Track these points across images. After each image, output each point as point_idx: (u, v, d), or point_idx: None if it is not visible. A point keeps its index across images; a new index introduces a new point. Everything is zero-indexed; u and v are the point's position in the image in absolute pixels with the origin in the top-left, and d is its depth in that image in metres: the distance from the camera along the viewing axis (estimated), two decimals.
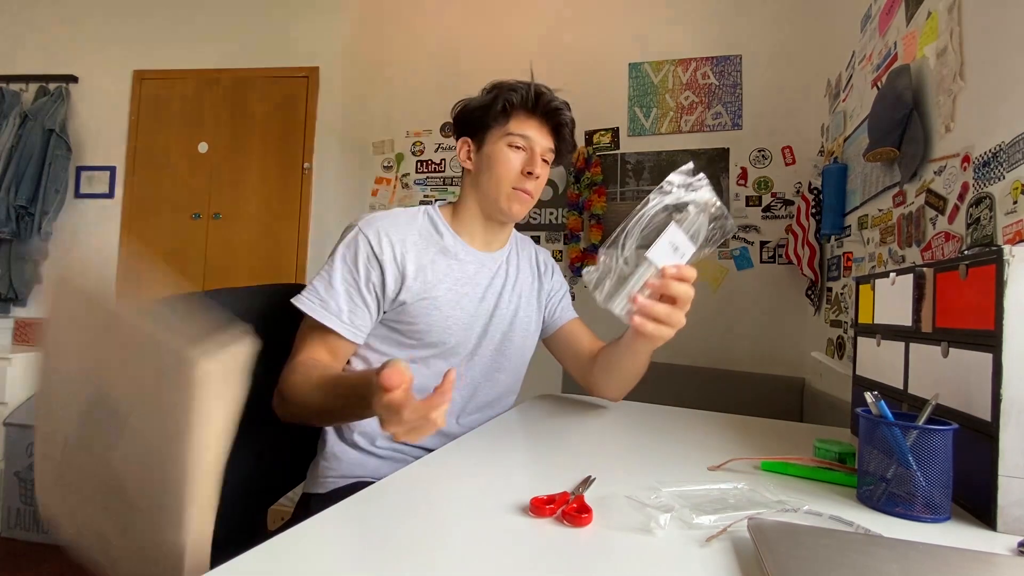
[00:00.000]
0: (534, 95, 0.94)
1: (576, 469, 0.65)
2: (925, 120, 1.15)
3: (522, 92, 0.94)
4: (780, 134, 2.32)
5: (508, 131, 0.94)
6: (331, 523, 0.48)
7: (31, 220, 2.72)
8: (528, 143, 0.94)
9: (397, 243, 0.90)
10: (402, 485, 0.59)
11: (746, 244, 2.32)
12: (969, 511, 0.56)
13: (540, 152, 0.95)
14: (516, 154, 0.94)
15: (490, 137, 0.96)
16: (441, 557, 0.42)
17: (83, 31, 2.94)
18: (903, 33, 1.30)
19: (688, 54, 2.44)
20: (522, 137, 0.94)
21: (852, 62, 1.74)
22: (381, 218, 0.92)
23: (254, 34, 2.81)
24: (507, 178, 0.94)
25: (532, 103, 0.95)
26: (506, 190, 0.94)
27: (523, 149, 0.95)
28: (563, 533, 0.48)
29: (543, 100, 0.95)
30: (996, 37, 0.91)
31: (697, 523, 0.49)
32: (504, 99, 0.94)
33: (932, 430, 0.54)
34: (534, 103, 0.95)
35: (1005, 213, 0.85)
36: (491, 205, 0.96)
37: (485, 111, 0.95)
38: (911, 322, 0.70)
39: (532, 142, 0.94)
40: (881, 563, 0.41)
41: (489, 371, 1.00)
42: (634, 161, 2.48)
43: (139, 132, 2.85)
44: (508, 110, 0.94)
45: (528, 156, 0.95)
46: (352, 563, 0.41)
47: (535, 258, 1.12)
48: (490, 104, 0.95)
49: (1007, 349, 0.51)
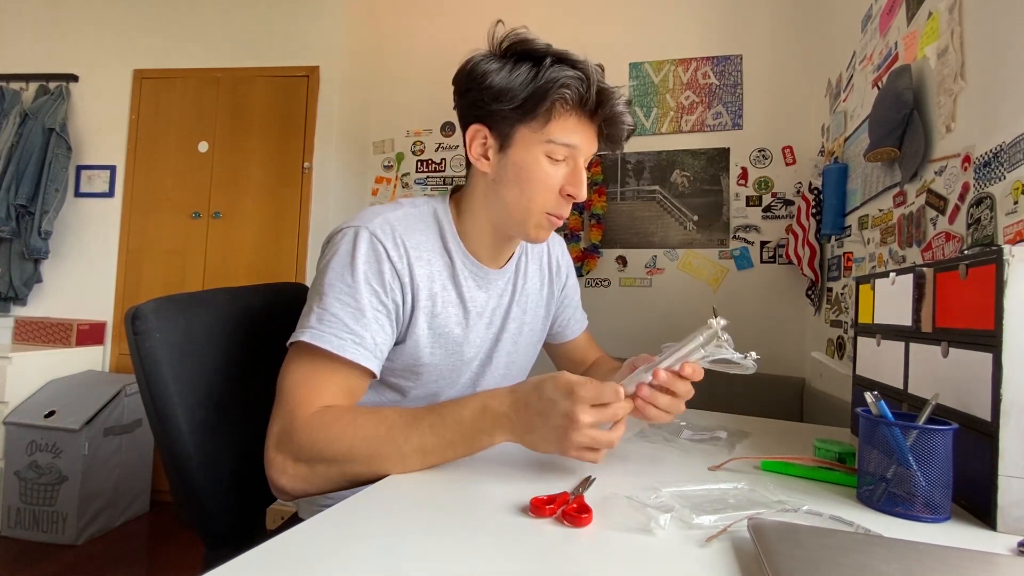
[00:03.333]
0: (595, 95, 0.70)
1: (576, 469, 0.66)
2: (926, 120, 1.15)
3: (578, 89, 0.68)
4: (780, 134, 2.32)
5: (550, 136, 0.70)
6: (331, 523, 0.48)
7: (31, 219, 2.72)
8: (572, 154, 0.72)
9: (417, 263, 0.73)
10: (402, 485, 0.59)
11: (746, 244, 2.32)
12: (969, 511, 0.56)
13: (585, 163, 0.74)
14: (556, 168, 0.72)
15: (520, 137, 0.72)
16: (441, 557, 0.42)
17: (83, 30, 2.93)
18: (904, 33, 1.30)
19: (688, 54, 2.44)
20: (567, 147, 0.71)
21: (853, 62, 1.74)
22: (396, 222, 0.73)
23: (254, 33, 2.80)
24: (543, 201, 0.73)
25: (592, 106, 0.70)
26: (536, 215, 0.74)
27: (565, 161, 0.73)
28: (563, 533, 0.48)
29: (607, 102, 0.71)
30: (997, 37, 0.91)
31: (697, 523, 0.49)
32: (555, 96, 0.68)
33: (932, 430, 0.54)
34: (595, 106, 0.71)
35: (1006, 213, 0.85)
36: (514, 226, 0.77)
37: (520, 101, 0.69)
38: (911, 322, 0.69)
39: (578, 152, 0.72)
40: (881, 563, 0.41)
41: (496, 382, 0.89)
42: (634, 161, 2.48)
43: (139, 131, 2.85)
44: (554, 108, 0.70)
45: (571, 171, 0.73)
46: (352, 563, 0.41)
47: (546, 256, 0.96)
48: (530, 97, 0.69)
49: (1007, 349, 0.51)
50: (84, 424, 2.15)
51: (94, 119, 2.90)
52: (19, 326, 2.60)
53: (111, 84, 2.89)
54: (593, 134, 0.74)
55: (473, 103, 0.73)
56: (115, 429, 2.30)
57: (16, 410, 2.25)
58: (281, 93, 2.75)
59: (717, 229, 2.36)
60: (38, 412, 2.21)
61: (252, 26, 2.82)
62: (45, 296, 2.83)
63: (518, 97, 0.69)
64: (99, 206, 2.86)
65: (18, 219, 2.73)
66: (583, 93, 0.69)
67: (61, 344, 2.53)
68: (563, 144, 0.71)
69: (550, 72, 0.68)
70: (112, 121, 2.87)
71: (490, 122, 0.73)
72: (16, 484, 2.17)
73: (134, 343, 0.70)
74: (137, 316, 0.71)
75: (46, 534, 2.14)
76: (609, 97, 0.71)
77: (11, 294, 2.74)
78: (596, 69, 0.70)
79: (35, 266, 2.79)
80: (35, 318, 2.63)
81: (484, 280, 0.82)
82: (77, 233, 2.84)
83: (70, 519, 2.13)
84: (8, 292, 2.73)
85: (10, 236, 2.72)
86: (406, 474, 0.62)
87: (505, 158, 0.73)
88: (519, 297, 0.88)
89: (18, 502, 2.17)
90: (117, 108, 2.88)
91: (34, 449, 2.17)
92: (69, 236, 2.83)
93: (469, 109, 0.74)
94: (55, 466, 2.15)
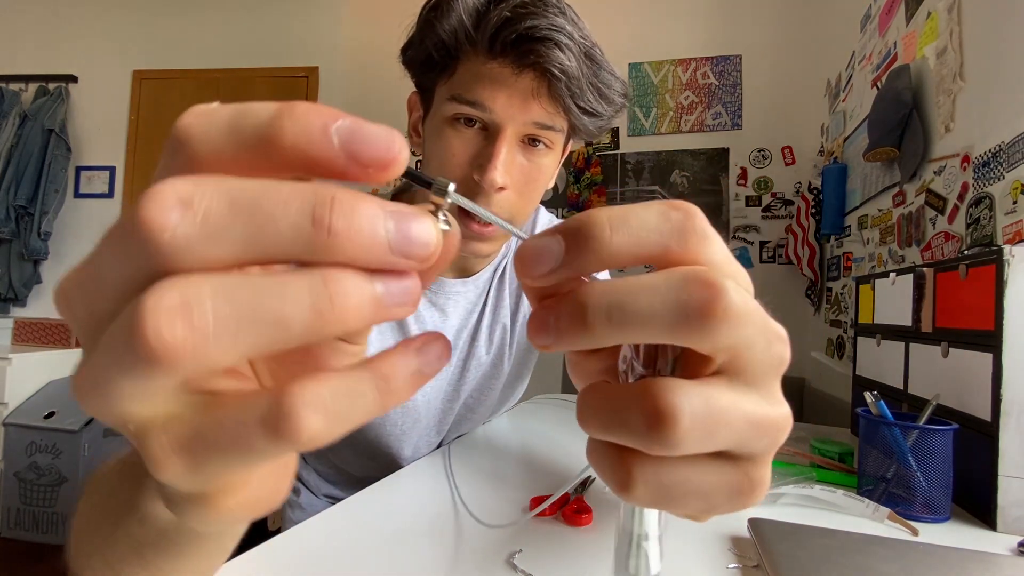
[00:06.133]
0: (481, 16, 0.48)
1: (576, 469, 0.65)
2: (925, 120, 1.15)
3: (459, 11, 0.48)
4: (780, 134, 2.32)
5: (452, 91, 0.51)
6: (331, 522, 0.48)
7: (30, 220, 2.72)
8: (490, 120, 0.50)
9: None
10: (402, 485, 0.59)
11: (746, 244, 2.32)
12: (969, 511, 0.56)
13: (514, 131, 0.51)
14: (463, 138, 0.51)
15: (436, 99, 0.54)
16: (441, 556, 0.42)
17: (83, 31, 2.93)
18: (903, 33, 1.30)
19: (688, 54, 2.44)
20: (473, 106, 0.50)
21: (852, 62, 1.74)
22: None
23: (253, 34, 2.81)
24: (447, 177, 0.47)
25: (490, 34, 0.47)
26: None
27: (482, 130, 0.51)
28: (563, 533, 0.48)
29: (506, 24, 0.46)
30: (996, 37, 0.91)
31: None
32: (436, 32, 0.50)
33: (932, 430, 0.54)
34: (494, 34, 0.47)
35: (1005, 213, 0.85)
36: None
37: (420, 46, 0.53)
38: (911, 322, 0.69)
39: (493, 115, 0.50)
40: (881, 563, 0.41)
41: (465, 415, 0.76)
42: (634, 161, 2.48)
43: (139, 132, 2.85)
44: (449, 48, 0.50)
45: (485, 144, 0.51)
46: (352, 562, 0.41)
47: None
48: (414, 38, 0.53)
49: (1007, 349, 0.51)
50: (84, 425, 2.15)
51: (94, 120, 2.90)
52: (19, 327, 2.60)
53: (111, 85, 2.89)
54: (518, 88, 0.49)
55: (409, 63, 0.57)
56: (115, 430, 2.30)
57: (16, 411, 2.25)
58: (281, 93, 2.75)
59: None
60: (38, 413, 2.21)
61: (251, 27, 2.82)
62: (45, 297, 2.83)
63: (414, 42, 0.54)
64: (99, 207, 2.86)
65: (17, 220, 2.73)
66: (459, 13, 0.48)
67: (61, 345, 2.53)
68: (468, 101, 0.49)
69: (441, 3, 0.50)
70: (112, 122, 2.88)
71: (419, 87, 0.58)
72: (16, 485, 2.17)
73: None
74: None
75: (46, 535, 2.14)
76: (515, 15, 0.46)
77: (10, 295, 2.74)
78: None
79: (34, 267, 2.79)
80: (35, 319, 2.63)
81: (440, 295, 0.66)
82: (76, 234, 2.83)
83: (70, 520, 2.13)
84: (7, 293, 2.73)
85: (9, 237, 2.72)
86: (406, 474, 0.62)
87: (424, 129, 0.57)
88: (496, 309, 0.71)
89: (18, 503, 2.16)
90: (117, 109, 2.88)
91: (34, 450, 2.16)
92: (68, 237, 2.83)
93: (411, 72, 0.58)
94: (55, 467, 2.15)
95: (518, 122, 0.50)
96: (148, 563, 0.24)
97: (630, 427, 0.15)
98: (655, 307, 0.15)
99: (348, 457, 0.71)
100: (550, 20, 0.46)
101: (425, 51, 0.51)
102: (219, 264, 0.12)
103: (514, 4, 0.46)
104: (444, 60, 0.51)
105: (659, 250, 0.16)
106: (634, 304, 0.15)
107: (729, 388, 0.16)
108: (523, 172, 0.53)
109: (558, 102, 0.50)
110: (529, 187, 0.54)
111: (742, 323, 0.15)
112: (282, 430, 0.12)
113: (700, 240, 0.16)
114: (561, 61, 0.47)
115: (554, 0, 0.48)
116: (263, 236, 0.12)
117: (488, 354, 0.72)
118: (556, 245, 0.15)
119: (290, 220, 0.12)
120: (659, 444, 0.15)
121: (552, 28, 0.46)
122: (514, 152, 0.52)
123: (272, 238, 0.12)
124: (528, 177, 0.53)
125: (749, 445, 0.16)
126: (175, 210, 0.12)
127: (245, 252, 0.12)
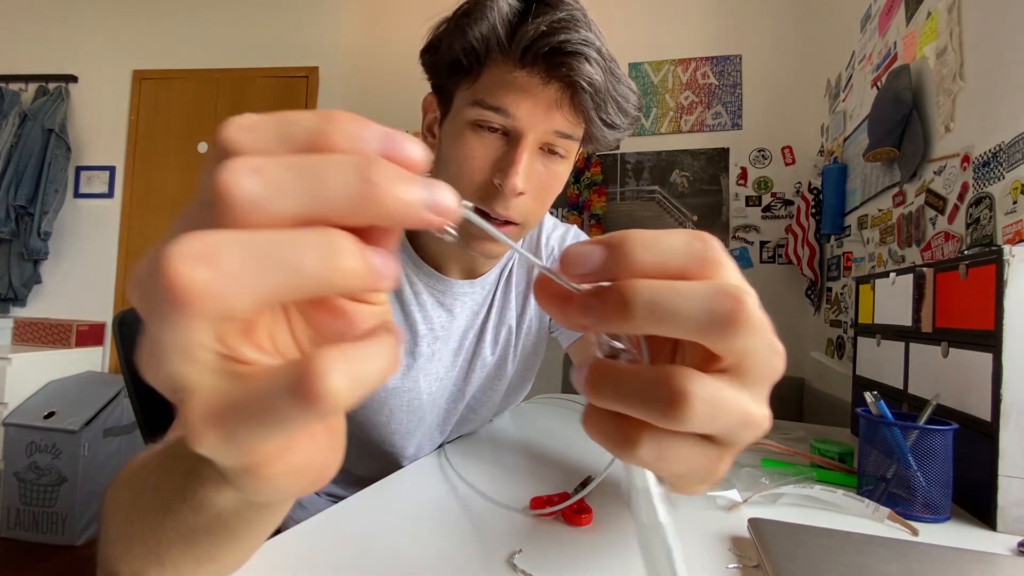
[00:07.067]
0: (514, 27, 0.49)
1: (576, 469, 0.65)
2: (925, 120, 1.15)
3: (494, 20, 0.49)
4: (780, 134, 2.32)
5: (476, 96, 0.52)
6: (331, 522, 0.48)
7: (30, 220, 2.72)
8: (512, 125, 0.51)
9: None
10: (402, 484, 0.59)
11: (746, 244, 2.32)
12: (969, 511, 0.56)
13: (535, 138, 0.52)
14: (485, 144, 0.52)
15: (457, 101, 0.55)
16: (441, 556, 0.42)
17: (83, 31, 2.93)
18: (903, 33, 1.30)
19: (688, 54, 2.44)
20: (497, 112, 0.51)
21: (852, 62, 1.74)
22: None
23: (253, 34, 2.81)
24: (464, 188, 0.52)
25: (523, 45, 0.48)
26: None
27: (503, 136, 0.53)
28: (563, 533, 0.48)
29: (541, 36, 0.48)
30: (996, 37, 0.91)
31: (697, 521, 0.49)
32: (466, 37, 0.51)
33: (932, 430, 0.54)
34: (528, 45, 0.48)
35: (1005, 213, 0.85)
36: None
37: (446, 50, 0.53)
38: (911, 322, 0.70)
39: (516, 121, 0.51)
40: (881, 563, 0.41)
41: (467, 416, 0.76)
42: (634, 161, 2.48)
43: (139, 132, 2.85)
44: (478, 54, 0.51)
45: (507, 150, 0.52)
46: (352, 561, 0.41)
47: (546, 255, 0.77)
48: (449, 43, 0.53)
49: (1007, 349, 0.51)
50: (84, 425, 2.15)
51: (93, 120, 2.90)
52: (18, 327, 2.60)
53: (110, 85, 2.89)
54: (542, 97, 0.50)
55: (428, 66, 0.58)
56: (115, 430, 2.29)
57: (16, 411, 2.25)
58: (281, 93, 2.75)
59: (717, 229, 2.36)
60: (38, 413, 2.21)
61: (251, 27, 2.82)
62: (44, 297, 2.83)
63: (441, 45, 0.54)
64: (98, 207, 2.86)
65: (17, 220, 2.73)
66: (498, 25, 0.49)
67: (61, 345, 2.53)
68: (492, 107, 0.51)
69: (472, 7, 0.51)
70: (111, 122, 2.88)
71: (438, 89, 0.58)
72: (16, 485, 2.17)
73: (121, 349, 0.71)
74: (123, 322, 0.71)
75: (46, 535, 2.14)
76: (547, 27, 0.48)
77: (10, 295, 2.74)
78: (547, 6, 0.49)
79: (34, 267, 2.79)
80: (34, 319, 2.63)
81: (447, 295, 0.66)
82: (76, 234, 2.84)
83: (70, 520, 2.12)
84: (7, 293, 2.73)
85: (9, 237, 2.72)
86: (406, 474, 0.62)
87: (442, 131, 0.57)
88: (502, 311, 0.71)
89: (18, 503, 2.16)
90: (116, 109, 2.88)
91: (34, 450, 2.16)
92: (68, 237, 2.83)
93: (429, 75, 0.59)
94: (55, 467, 2.15)
95: (539, 130, 0.52)
96: (196, 546, 0.26)
97: (649, 402, 0.18)
98: (690, 309, 0.17)
99: (351, 455, 0.71)
100: (581, 35, 0.49)
101: (453, 55, 0.52)
102: (284, 221, 0.14)
103: (550, 20, 0.48)
104: (470, 65, 0.52)
105: (679, 271, 0.18)
106: (673, 303, 0.17)
107: (732, 385, 0.19)
108: (540, 178, 0.55)
109: (580, 113, 0.52)
110: (544, 193, 0.56)
111: (756, 334, 0.18)
112: (308, 394, 0.14)
113: (715, 266, 0.19)
114: (590, 74, 0.49)
115: (583, 16, 0.50)
116: (320, 192, 0.14)
117: (493, 355, 0.72)
118: (599, 253, 0.18)
119: (341, 178, 0.15)
120: (671, 419, 0.18)
121: (583, 43, 0.49)
122: (534, 159, 0.54)
123: (327, 192, 0.14)
124: (544, 183, 0.56)
125: (735, 434, 0.19)
126: (247, 175, 0.14)
127: (306, 208, 0.14)
